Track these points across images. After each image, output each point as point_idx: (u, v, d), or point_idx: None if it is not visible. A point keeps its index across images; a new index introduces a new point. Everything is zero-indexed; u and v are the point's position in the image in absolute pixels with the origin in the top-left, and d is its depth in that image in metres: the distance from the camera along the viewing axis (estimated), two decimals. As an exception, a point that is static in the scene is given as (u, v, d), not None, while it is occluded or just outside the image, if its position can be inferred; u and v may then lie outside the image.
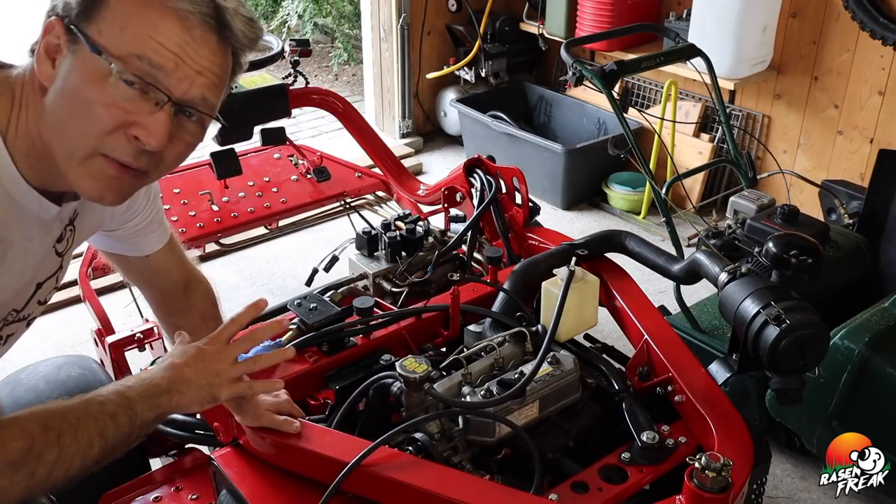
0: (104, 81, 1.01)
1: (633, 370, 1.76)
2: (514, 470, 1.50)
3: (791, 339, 1.49)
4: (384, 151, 3.17)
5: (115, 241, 1.37)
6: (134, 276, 1.46)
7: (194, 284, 1.51)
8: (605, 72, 2.88)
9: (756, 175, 3.20)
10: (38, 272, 1.22)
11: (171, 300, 1.49)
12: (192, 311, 1.51)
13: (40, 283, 1.24)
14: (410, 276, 2.28)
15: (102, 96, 1.01)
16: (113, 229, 1.34)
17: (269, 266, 3.76)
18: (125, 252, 1.40)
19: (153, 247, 1.42)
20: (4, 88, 1.06)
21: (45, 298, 1.29)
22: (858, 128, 3.72)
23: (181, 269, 1.48)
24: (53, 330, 3.19)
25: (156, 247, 1.42)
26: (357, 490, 1.41)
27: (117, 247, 1.39)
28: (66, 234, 1.23)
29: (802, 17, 3.77)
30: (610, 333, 2.13)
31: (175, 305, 1.49)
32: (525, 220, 2.30)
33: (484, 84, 4.91)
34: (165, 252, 1.44)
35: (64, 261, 1.27)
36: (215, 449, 1.66)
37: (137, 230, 1.37)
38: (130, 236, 1.38)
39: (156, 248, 1.43)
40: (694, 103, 4.20)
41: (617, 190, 4.23)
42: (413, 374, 1.47)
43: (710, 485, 1.27)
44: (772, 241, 1.75)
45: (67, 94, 1.02)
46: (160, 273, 1.45)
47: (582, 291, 1.73)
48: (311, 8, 6.31)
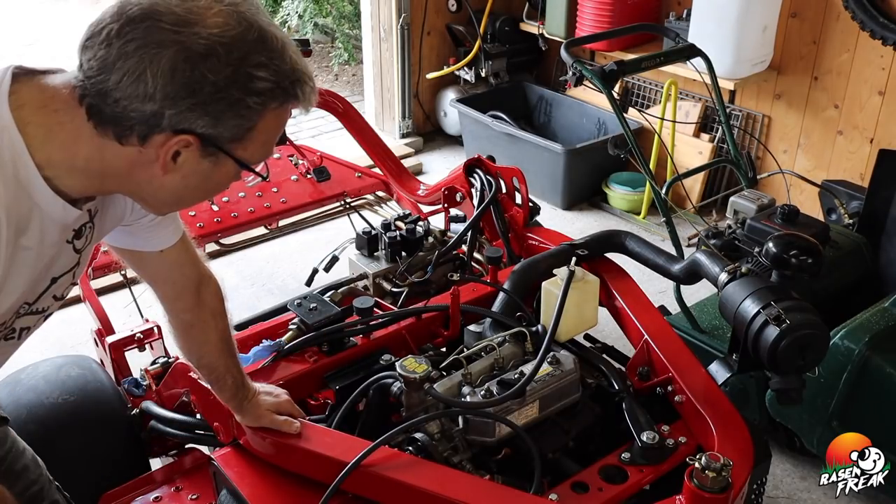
0: (236, 178, 1.21)
1: (633, 370, 1.76)
2: (514, 470, 1.50)
3: (791, 339, 1.49)
4: (384, 151, 3.17)
5: (130, 237, 1.41)
6: (148, 272, 1.49)
7: (205, 281, 1.53)
8: (605, 72, 2.87)
9: (756, 175, 3.20)
10: (54, 267, 1.25)
11: (183, 296, 1.51)
12: (204, 307, 1.53)
13: (55, 277, 1.27)
14: (410, 276, 2.28)
15: (227, 185, 1.23)
16: (129, 224, 1.38)
17: (269, 266, 3.76)
18: (140, 247, 1.43)
19: (167, 242, 1.46)
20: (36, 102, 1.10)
21: (63, 294, 1.33)
22: (858, 128, 3.72)
23: (194, 266, 1.51)
24: (53, 330, 3.19)
25: (170, 242, 1.46)
26: (357, 490, 1.41)
27: (132, 242, 1.42)
28: (86, 231, 1.27)
29: (802, 17, 3.77)
30: (610, 333, 2.13)
31: (187, 302, 1.52)
32: (525, 220, 2.30)
33: (484, 84, 4.91)
34: (179, 248, 1.48)
35: (82, 257, 1.30)
36: (215, 449, 1.66)
37: (153, 225, 1.41)
38: (145, 231, 1.41)
39: (170, 244, 1.46)
40: (694, 103, 4.20)
41: (617, 190, 4.23)
42: (413, 374, 1.47)
43: (710, 485, 1.28)
44: (772, 241, 1.75)
45: (202, 187, 1.21)
46: (174, 269, 1.48)
47: (582, 291, 1.73)
48: (312, 8, 6.31)
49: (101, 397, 2.00)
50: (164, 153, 1.11)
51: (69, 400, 1.94)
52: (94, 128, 1.09)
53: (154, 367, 2.02)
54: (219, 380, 1.58)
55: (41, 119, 1.09)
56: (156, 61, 1.04)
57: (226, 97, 1.08)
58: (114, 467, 1.88)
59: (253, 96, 1.09)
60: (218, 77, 1.06)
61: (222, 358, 1.57)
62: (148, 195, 1.21)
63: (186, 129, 1.09)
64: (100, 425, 1.95)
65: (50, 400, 1.92)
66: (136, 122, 1.07)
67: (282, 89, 1.12)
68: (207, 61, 1.05)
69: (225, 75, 1.06)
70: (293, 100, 1.15)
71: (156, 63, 1.04)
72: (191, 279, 1.51)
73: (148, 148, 1.10)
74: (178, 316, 1.53)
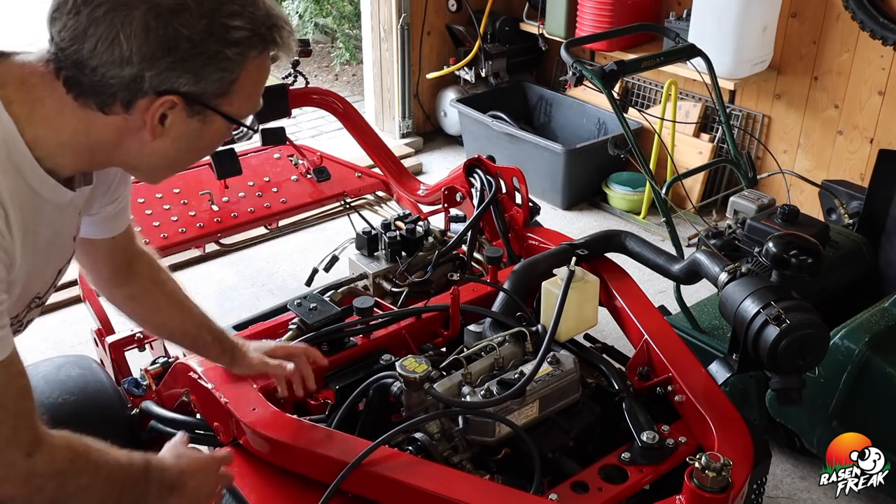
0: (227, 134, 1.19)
1: (633, 370, 1.76)
2: (514, 470, 1.50)
3: (791, 339, 1.49)
4: (384, 151, 3.17)
5: (92, 227, 1.41)
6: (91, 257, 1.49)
7: (138, 255, 1.55)
8: (605, 72, 2.88)
9: (756, 175, 3.20)
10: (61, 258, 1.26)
11: (118, 273, 1.52)
12: (140, 277, 1.54)
13: (60, 268, 1.28)
14: (410, 276, 2.28)
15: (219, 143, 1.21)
16: (95, 213, 1.37)
17: (269, 266, 3.76)
18: (99, 235, 1.44)
19: (123, 226, 1.46)
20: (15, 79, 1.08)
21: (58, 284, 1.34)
22: (858, 128, 3.72)
23: (132, 243, 1.52)
24: (53, 330, 3.19)
25: (125, 226, 1.47)
26: (357, 490, 1.41)
27: (93, 231, 1.42)
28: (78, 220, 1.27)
29: (802, 17, 3.77)
30: (610, 333, 2.14)
31: (122, 277, 1.53)
32: (525, 220, 2.30)
33: (484, 84, 4.91)
34: (127, 230, 1.48)
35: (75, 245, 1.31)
36: (215, 449, 1.66)
37: (115, 213, 1.41)
38: (107, 219, 1.41)
39: (124, 228, 1.47)
40: (694, 103, 4.20)
41: (617, 190, 4.23)
42: (413, 374, 1.47)
43: (710, 485, 1.28)
44: (772, 241, 1.75)
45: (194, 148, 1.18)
46: (117, 251, 1.48)
47: (582, 291, 1.73)
48: (312, 8, 6.31)
49: (101, 397, 2.00)
50: (150, 117, 1.08)
51: (69, 400, 1.94)
52: (76, 100, 1.07)
53: (154, 367, 2.02)
54: (197, 341, 1.60)
55: (22, 96, 1.07)
56: (127, 23, 1.01)
57: (204, 51, 1.05)
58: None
59: (231, 47, 1.07)
60: (193, 31, 1.04)
61: (185, 317, 1.59)
62: (140, 164, 1.19)
63: (169, 90, 1.06)
64: (100, 425, 1.93)
65: (50, 400, 1.91)
66: (117, 89, 1.05)
67: (259, 36, 1.10)
68: (180, 16, 1.03)
69: (199, 29, 1.04)
70: (272, 46, 1.13)
71: (128, 25, 1.01)
72: (126, 256, 1.51)
73: (133, 114, 1.08)
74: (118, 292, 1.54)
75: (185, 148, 1.16)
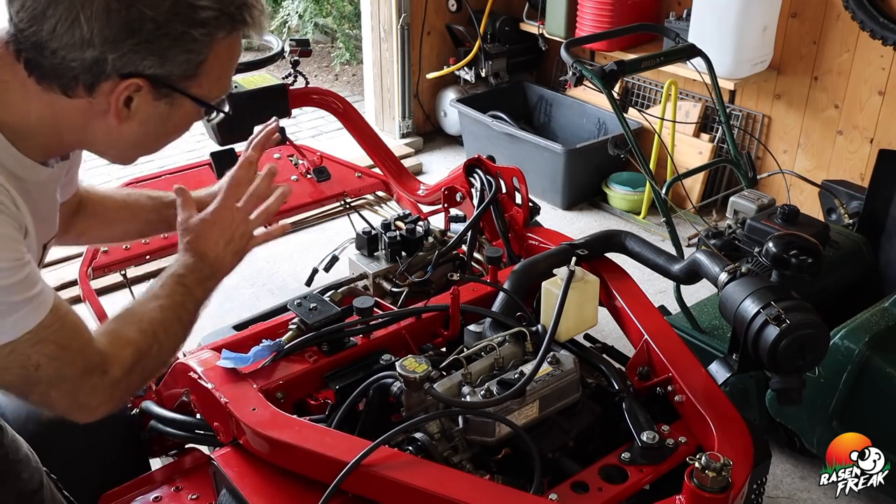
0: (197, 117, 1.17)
1: (633, 370, 1.76)
2: (514, 470, 1.50)
3: (791, 339, 1.49)
4: (384, 151, 3.17)
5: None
6: None
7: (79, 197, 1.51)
8: (605, 72, 2.88)
9: (756, 175, 3.20)
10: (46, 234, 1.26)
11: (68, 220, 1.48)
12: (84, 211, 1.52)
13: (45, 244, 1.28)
14: (410, 276, 2.28)
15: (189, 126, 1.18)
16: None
17: (269, 266, 3.76)
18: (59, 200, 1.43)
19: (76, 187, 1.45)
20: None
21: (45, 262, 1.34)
22: (858, 128, 3.72)
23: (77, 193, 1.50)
24: (53, 330, 3.19)
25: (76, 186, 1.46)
26: (357, 490, 1.41)
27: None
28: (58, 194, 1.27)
29: (802, 17, 3.77)
30: (610, 333, 2.13)
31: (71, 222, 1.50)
32: (525, 220, 2.29)
33: (484, 84, 4.91)
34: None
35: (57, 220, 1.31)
36: (215, 449, 1.66)
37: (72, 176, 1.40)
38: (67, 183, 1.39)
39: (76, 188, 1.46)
40: (694, 103, 4.20)
41: (617, 190, 4.23)
42: (413, 374, 1.47)
43: (710, 485, 1.27)
44: (772, 241, 1.74)
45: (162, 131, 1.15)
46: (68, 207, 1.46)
47: (582, 291, 1.73)
48: (312, 8, 6.31)
49: (101, 397, 2.00)
50: (115, 101, 1.05)
51: (69, 400, 1.94)
52: (38, 83, 1.04)
53: (154, 367, 2.01)
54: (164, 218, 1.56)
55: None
56: (88, 4, 0.98)
57: (169, 32, 1.01)
58: (114, 467, 1.87)
59: (198, 28, 1.03)
60: (157, 12, 1.00)
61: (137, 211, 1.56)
62: (109, 147, 1.17)
63: (133, 73, 1.03)
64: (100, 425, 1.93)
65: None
66: (79, 72, 1.02)
67: (228, 16, 1.06)
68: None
69: (164, 9, 1.00)
70: (241, 25, 1.09)
71: (88, 5, 0.98)
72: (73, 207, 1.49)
73: (97, 97, 1.05)
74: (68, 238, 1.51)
75: (153, 131, 1.14)
